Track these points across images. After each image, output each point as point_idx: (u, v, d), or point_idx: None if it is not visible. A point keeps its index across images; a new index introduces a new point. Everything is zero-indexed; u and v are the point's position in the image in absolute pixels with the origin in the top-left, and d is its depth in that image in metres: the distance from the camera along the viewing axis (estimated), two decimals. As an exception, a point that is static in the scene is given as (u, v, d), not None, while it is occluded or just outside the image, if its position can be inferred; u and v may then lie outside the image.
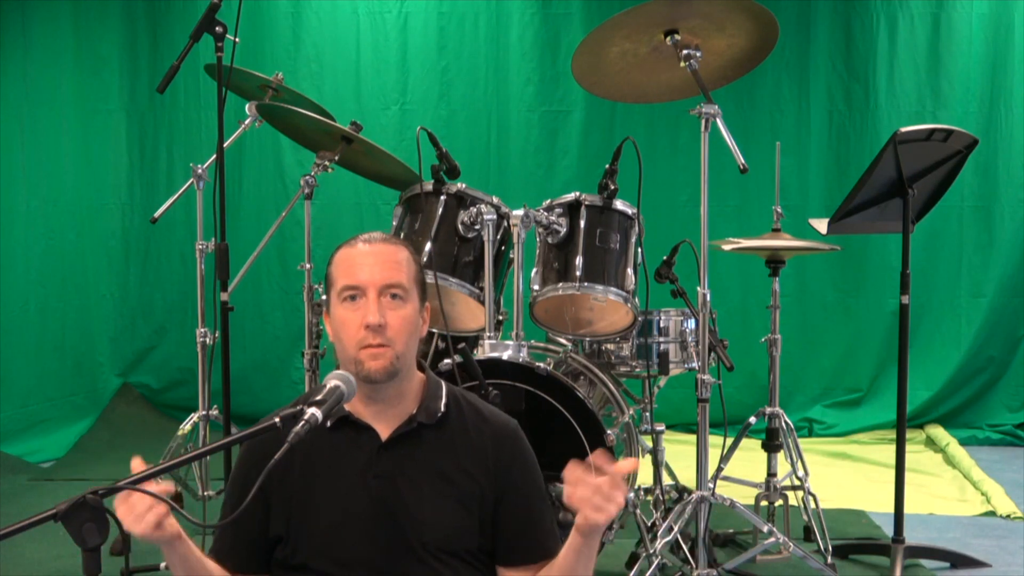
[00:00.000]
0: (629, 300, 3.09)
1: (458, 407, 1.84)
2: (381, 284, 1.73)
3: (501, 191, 3.41)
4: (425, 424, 1.78)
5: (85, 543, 1.33)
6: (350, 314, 1.73)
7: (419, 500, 1.74)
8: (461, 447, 1.79)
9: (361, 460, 1.76)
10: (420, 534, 1.73)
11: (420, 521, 1.74)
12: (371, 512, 1.73)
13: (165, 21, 5.57)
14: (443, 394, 1.83)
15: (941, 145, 3.15)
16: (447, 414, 1.81)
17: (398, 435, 1.77)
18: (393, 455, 1.76)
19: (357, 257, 1.77)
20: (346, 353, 1.74)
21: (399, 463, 1.76)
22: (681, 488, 3.67)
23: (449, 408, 1.82)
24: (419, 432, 1.78)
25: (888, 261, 5.34)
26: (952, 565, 3.40)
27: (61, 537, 1.34)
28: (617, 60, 3.15)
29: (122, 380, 5.63)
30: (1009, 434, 5.42)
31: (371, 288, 1.73)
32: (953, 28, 5.52)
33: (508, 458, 1.80)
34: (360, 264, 1.75)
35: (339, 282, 1.76)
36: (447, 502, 1.75)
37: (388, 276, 1.74)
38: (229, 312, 3.01)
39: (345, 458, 1.76)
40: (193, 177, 3.61)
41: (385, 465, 1.76)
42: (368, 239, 1.80)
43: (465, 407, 1.84)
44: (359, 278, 1.74)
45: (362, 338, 1.71)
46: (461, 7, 5.60)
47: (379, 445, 1.76)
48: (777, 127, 5.52)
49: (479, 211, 3.04)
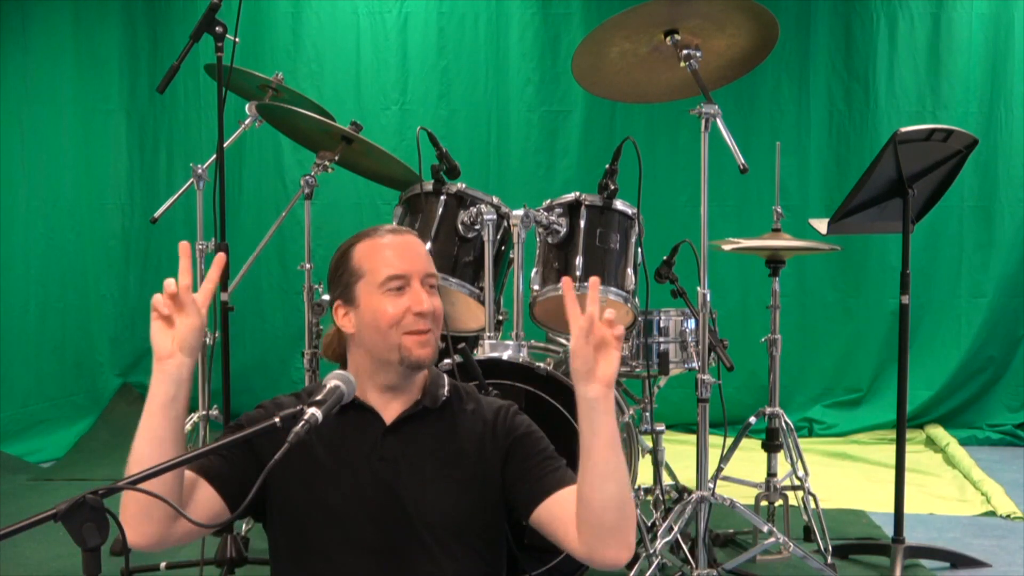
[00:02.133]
0: (629, 300, 3.09)
1: (459, 396, 1.88)
2: (424, 273, 1.79)
3: (501, 191, 3.41)
4: (429, 409, 1.82)
5: (85, 543, 1.33)
6: (395, 302, 1.76)
7: (423, 483, 1.76)
8: (463, 431, 1.82)
9: (366, 443, 1.78)
10: (423, 515, 1.75)
11: (424, 502, 1.75)
12: (375, 495, 1.75)
13: (165, 21, 5.57)
14: (445, 383, 1.88)
15: (941, 145, 3.15)
16: (449, 400, 1.85)
17: (403, 419, 1.80)
18: (398, 439, 1.79)
19: (397, 248, 1.80)
20: (388, 341, 1.76)
21: (404, 447, 1.78)
22: (681, 488, 3.67)
23: (451, 396, 1.86)
24: (423, 417, 1.81)
25: (888, 261, 5.35)
26: (952, 565, 3.40)
27: (61, 537, 1.34)
28: (617, 60, 3.15)
29: (122, 380, 5.63)
30: (1009, 434, 5.43)
31: (416, 277, 1.78)
32: (953, 28, 5.52)
33: (508, 425, 1.83)
34: (402, 254, 1.79)
35: (381, 272, 1.77)
36: (451, 484, 1.77)
37: (426, 266, 1.81)
38: (229, 312, 3.01)
39: (350, 440, 1.78)
40: (193, 177, 3.61)
41: (390, 448, 1.78)
42: (394, 230, 1.84)
43: (465, 396, 1.89)
44: (405, 267, 1.78)
45: (408, 324, 1.75)
46: (461, 7, 5.60)
47: (384, 429, 1.79)
48: (777, 127, 5.52)
49: (479, 211, 3.04)
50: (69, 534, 1.33)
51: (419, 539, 1.74)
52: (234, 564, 3.07)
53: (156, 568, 3.11)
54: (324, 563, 1.76)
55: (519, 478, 1.79)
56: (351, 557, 1.74)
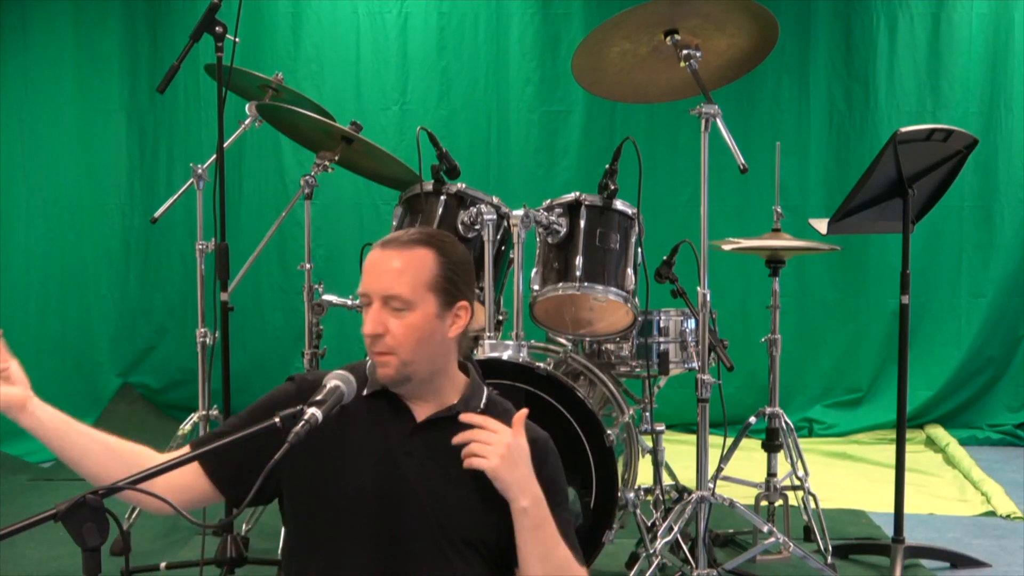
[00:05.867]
0: (629, 300, 3.09)
1: (495, 410, 1.85)
2: (383, 294, 1.75)
3: (501, 191, 3.41)
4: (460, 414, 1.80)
5: (85, 543, 1.33)
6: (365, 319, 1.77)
7: (444, 485, 1.75)
8: None
9: (394, 436, 1.77)
10: (439, 517, 1.73)
11: (442, 504, 1.74)
12: (395, 486, 1.73)
13: (165, 21, 5.57)
14: (483, 395, 1.86)
15: (941, 145, 3.15)
16: (485, 412, 1.82)
17: (434, 419, 1.79)
18: (426, 438, 1.78)
19: (368, 263, 1.79)
20: None
21: (431, 447, 1.77)
22: (681, 488, 3.67)
23: (487, 409, 1.83)
24: (455, 421, 1.78)
25: (888, 261, 5.34)
26: (952, 565, 3.40)
27: (61, 537, 1.34)
28: (617, 60, 3.15)
29: (122, 380, 5.63)
30: (1009, 434, 5.43)
31: (375, 297, 1.76)
32: (953, 28, 5.52)
33: (537, 469, 1.78)
34: (367, 271, 1.78)
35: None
36: (471, 493, 1.75)
37: (385, 287, 1.75)
38: (229, 312, 3.01)
39: (377, 428, 1.78)
40: (193, 177, 3.61)
41: (417, 445, 1.77)
42: (384, 242, 1.80)
43: (502, 413, 1.84)
44: (364, 286, 1.77)
45: (368, 344, 1.76)
46: (461, 7, 5.61)
47: (414, 426, 1.78)
48: (777, 127, 5.52)
49: (479, 211, 3.04)
50: (69, 534, 1.33)
51: (432, 538, 1.73)
52: (234, 564, 3.07)
53: (156, 568, 3.11)
54: (332, 543, 1.74)
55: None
56: (358, 544, 1.73)
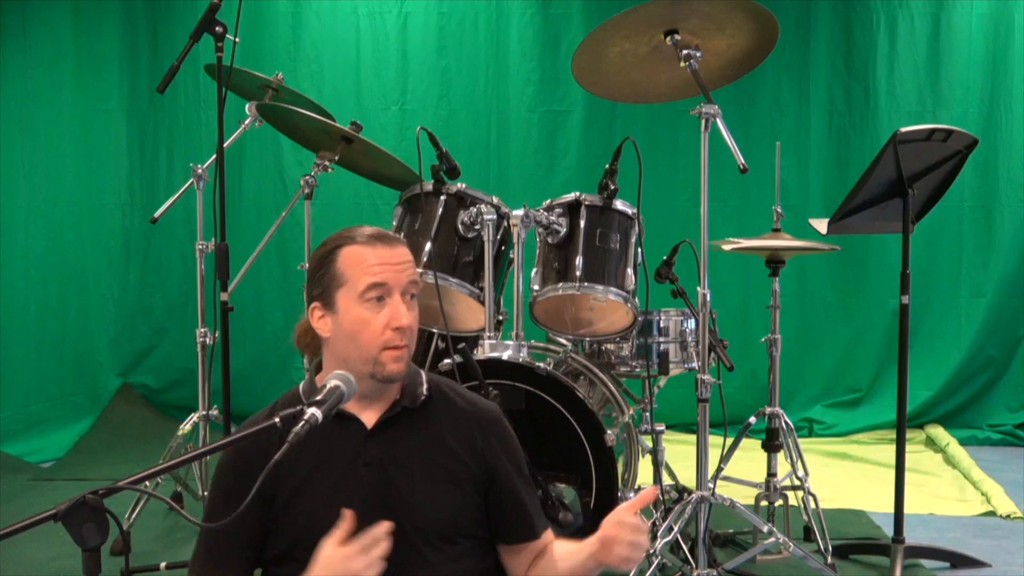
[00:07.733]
0: (629, 300, 3.09)
1: (440, 392, 1.85)
2: (406, 284, 1.74)
3: (501, 191, 3.41)
4: (409, 408, 1.79)
5: (85, 543, 1.33)
6: (374, 314, 1.72)
7: (410, 485, 1.75)
8: (448, 430, 1.81)
9: (349, 450, 1.76)
10: (413, 519, 1.73)
11: (412, 506, 1.74)
12: (363, 501, 1.71)
13: (165, 21, 5.57)
14: (423, 380, 1.85)
15: (941, 145, 3.15)
16: (430, 398, 1.82)
17: (384, 421, 1.78)
18: (381, 442, 1.77)
19: (380, 256, 1.74)
20: (364, 353, 1.73)
21: (388, 450, 1.77)
22: (681, 488, 3.67)
23: (431, 393, 1.84)
24: (404, 417, 1.79)
25: (888, 261, 5.34)
26: (952, 565, 3.40)
27: (61, 537, 1.34)
28: (617, 60, 3.15)
29: (122, 380, 5.64)
30: (1009, 434, 5.42)
31: (397, 289, 1.73)
32: (953, 28, 5.52)
33: (495, 444, 1.83)
34: (385, 263, 1.73)
35: (361, 281, 1.72)
36: (438, 486, 1.76)
37: (411, 276, 1.76)
38: (229, 312, 3.01)
39: (333, 449, 1.76)
40: (193, 177, 3.61)
41: (374, 453, 1.76)
42: (380, 237, 1.77)
43: (447, 392, 1.86)
44: (386, 278, 1.72)
45: (387, 339, 1.72)
46: (461, 7, 5.60)
47: (366, 434, 1.77)
48: (777, 127, 5.52)
49: (479, 211, 3.04)
50: (69, 534, 1.33)
51: (409, 543, 1.72)
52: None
53: (156, 568, 3.11)
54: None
55: (491, 511, 1.83)
56: None
